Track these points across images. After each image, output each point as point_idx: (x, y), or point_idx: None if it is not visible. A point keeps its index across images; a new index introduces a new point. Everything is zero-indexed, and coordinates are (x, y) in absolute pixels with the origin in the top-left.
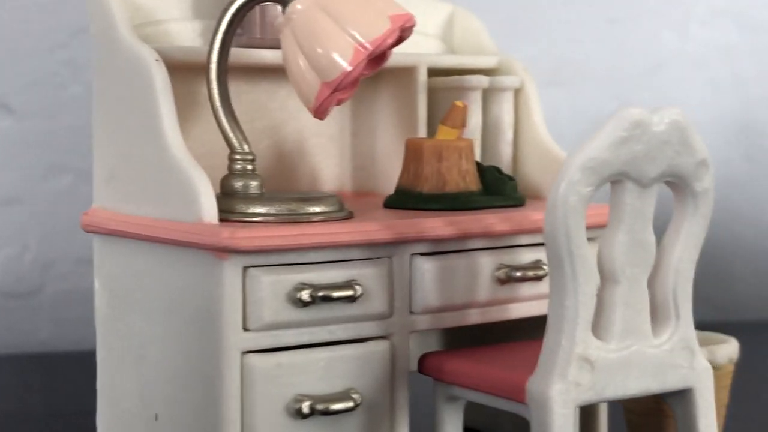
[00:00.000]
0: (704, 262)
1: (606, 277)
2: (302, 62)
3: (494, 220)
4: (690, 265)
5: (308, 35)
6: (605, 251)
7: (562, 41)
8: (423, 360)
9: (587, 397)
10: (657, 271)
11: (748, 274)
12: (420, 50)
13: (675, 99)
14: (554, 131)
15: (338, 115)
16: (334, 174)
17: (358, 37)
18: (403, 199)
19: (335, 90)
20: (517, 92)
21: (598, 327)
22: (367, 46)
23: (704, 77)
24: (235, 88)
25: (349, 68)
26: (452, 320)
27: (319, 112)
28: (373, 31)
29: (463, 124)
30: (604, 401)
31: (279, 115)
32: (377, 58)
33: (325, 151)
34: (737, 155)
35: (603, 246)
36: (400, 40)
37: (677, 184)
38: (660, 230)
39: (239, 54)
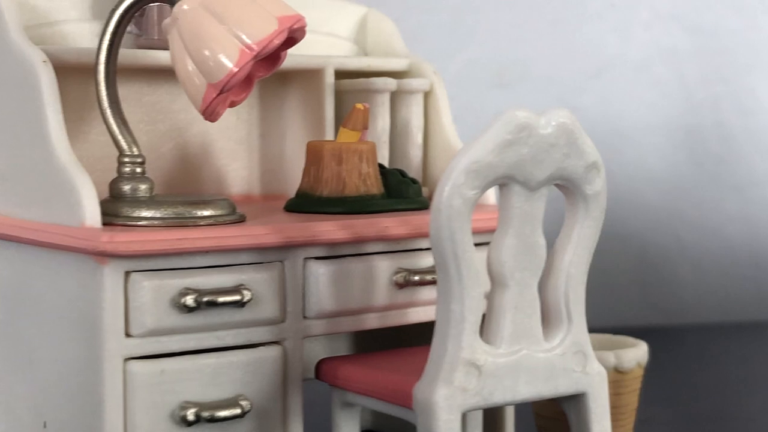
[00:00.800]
0: (650, 266)
1: (495, 280)
2: (189, 63)
3: (391, 224)
4: (582, 269)
5: (194, 36)
6: (494, 255)
7: (506, 43)
8: (319, 366)
9: (474, 402)
10: (548, 274)
11: (693, 278)
12: (331, 52)
13: (619, 102)
14: None
15: (246, 117)
16: (242, 177)
17: (244, 38)
18: (303, 203)
19: (222, 92)
20: (427, 95)
21: (488, 331)
22: (253, 47)
23: (648, 80)
24: (136, 90)
25: (235, 69)
26: (349, 325)
27: (208, 114)
28: (259, 32)
29: (364, 127)
30: (492, 406)
31: (183, 117)
32: (271, 59)
33: (232, 153)
34: (682, 159)
35: (492, 250)
36: (292, 42)
37: (567, 187)
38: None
39: (138, 55)
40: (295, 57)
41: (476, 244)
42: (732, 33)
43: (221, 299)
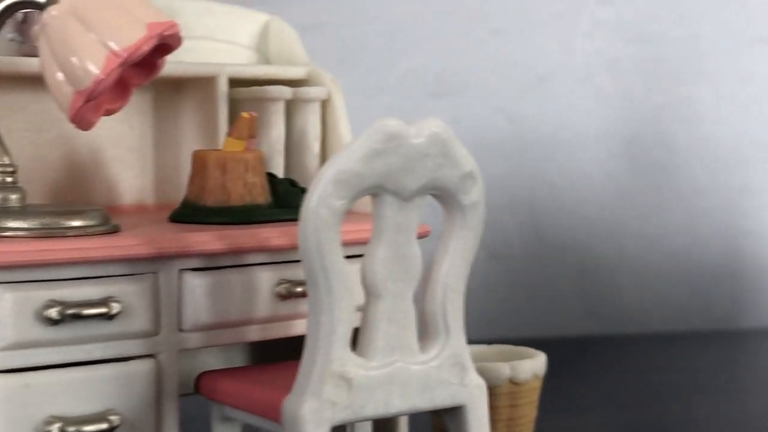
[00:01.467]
0: (591, 276)
1: (369, 291)
2: (57, 70)
3: (273, 234)
4: (459, 279)
5: (61, 43)
6: (367, 266)
7: (446, 53)
8: (199, 379)
9: (344, 416)
10: (425, 285)
11: (634, 287)
12: (231, 60)
13: (560, 112)
14: None
15: (138, 125)
16: (135, 186)
17: (111, 44)
18: (188, 213)
19: (89, 99)
20: (325, 103)
21: (361, 343)
22: (121, 53)
23: (589, 90)
24: (20, 98)
25: (102, 76)
26: (228, 337)
27: (77, 122)
28: (127, 38)
29: (250, 135)
30: (364, 420)
31: (71, 125)
32: (147, 67)
33: (124, 162)
34: (623, 168)
35: (365, 260)
36: (167, 49)
37: (443, 197)
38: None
39: (21, 63)
40: (188, 65)
41: (353, 256)
42: (674, 42)
43: (87, 312)
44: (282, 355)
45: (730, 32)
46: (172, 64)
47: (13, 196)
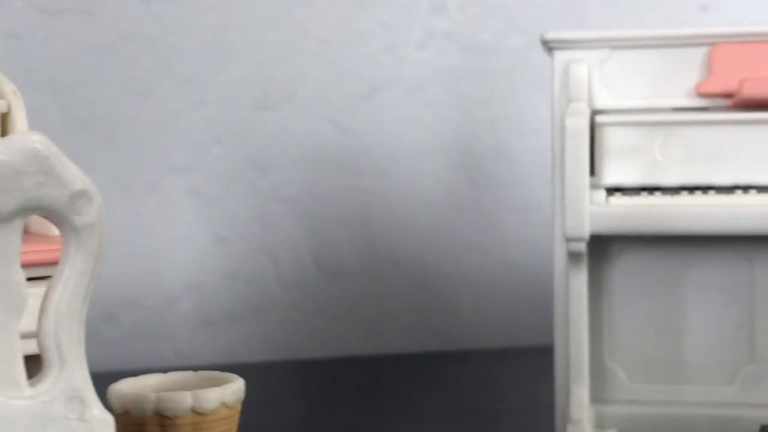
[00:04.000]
0: (429, 291)
1: None
2: None
3: None
4: (75, 307)
5: None
6: None
7: (271, 63)
8: None
9: None
10: (39, 314)
11: (474, 303)
12: None
13: (393, 124)
14: (264, 156)
15: None
16: None
17: None
18: None
19: None
20: (5, 117)
21: None
22: None
23: (423, 101)
24: None
25: None
26: None
27: None
28: None
29: None
30: None
31: None
32: None
33: None
34: (460, 180)
35: None
36: None
37: (53, 218)
38: None
39: None
40: None
41: None
42: (510, 52)
43: None
44: None
45: None
46: None
47: None
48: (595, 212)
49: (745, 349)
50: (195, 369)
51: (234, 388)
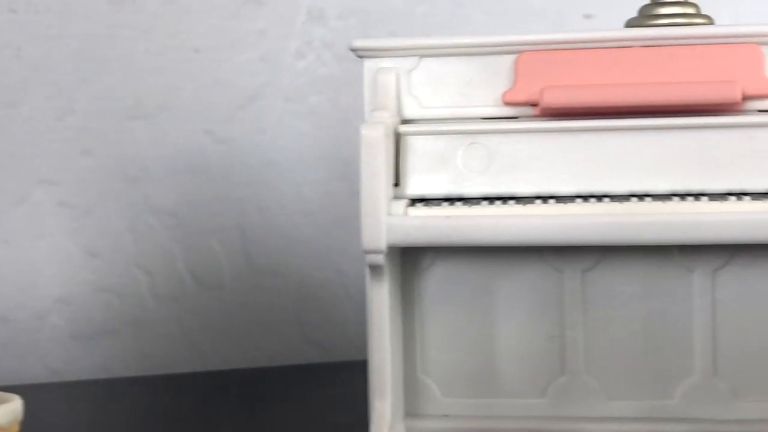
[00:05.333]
0: (310, 302)
1: None
2: None
3: None
4: None
5: None
6: None
7: (142, 72)
8: None
9: None
10: None
11: (356, 313)
12: None
13: (272, 133)
14: (137, 167)
15: None
16: None
17: None
18: None
19: None
20: None
21: None
22: None
23: (302, 110)
24: None
25: None
26: None
27: None
28: None
29: None
30: None
31: None
32: None
33: None
34: (341, 190)
35: None
36: None
37: None
38: None
39: None
40: None
41: None
42: None
43: None
44: None
45: None
46: None
47: None
48: (391, 224)
49: (556, 360)
50: None
51: (9, 408)
